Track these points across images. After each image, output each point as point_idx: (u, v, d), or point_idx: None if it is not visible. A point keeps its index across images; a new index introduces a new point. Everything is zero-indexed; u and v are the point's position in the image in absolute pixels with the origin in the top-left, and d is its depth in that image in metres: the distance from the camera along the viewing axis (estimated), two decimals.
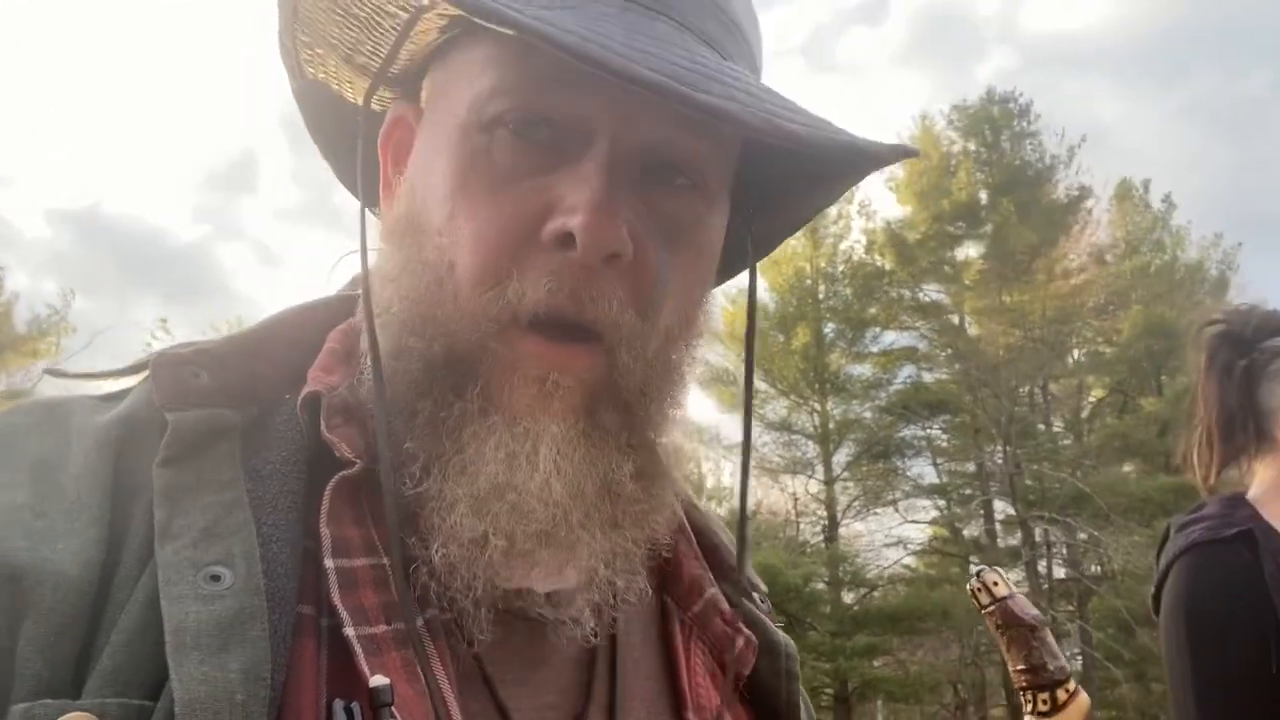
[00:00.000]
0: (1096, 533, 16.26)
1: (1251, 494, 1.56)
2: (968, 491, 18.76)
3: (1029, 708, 1.39)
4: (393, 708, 0.45)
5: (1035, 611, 1.37)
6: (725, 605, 0.62)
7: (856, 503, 18.99)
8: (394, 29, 0.56)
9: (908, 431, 18.83)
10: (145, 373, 0.57)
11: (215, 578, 0.46)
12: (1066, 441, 18.91)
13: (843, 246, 19.19)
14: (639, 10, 0.51)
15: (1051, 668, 1.37)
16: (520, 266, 0.51)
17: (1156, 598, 1.55)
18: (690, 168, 0.54)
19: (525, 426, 0.52)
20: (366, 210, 0.60)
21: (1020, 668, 1.40)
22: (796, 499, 18.82)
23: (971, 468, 18.91)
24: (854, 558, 18.41)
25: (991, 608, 1.39)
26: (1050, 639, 1.42)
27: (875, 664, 17.14)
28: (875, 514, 18.97)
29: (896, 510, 18.77)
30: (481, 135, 0.52)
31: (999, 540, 18.17)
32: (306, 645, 0.47)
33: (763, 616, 0.65)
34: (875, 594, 18.23)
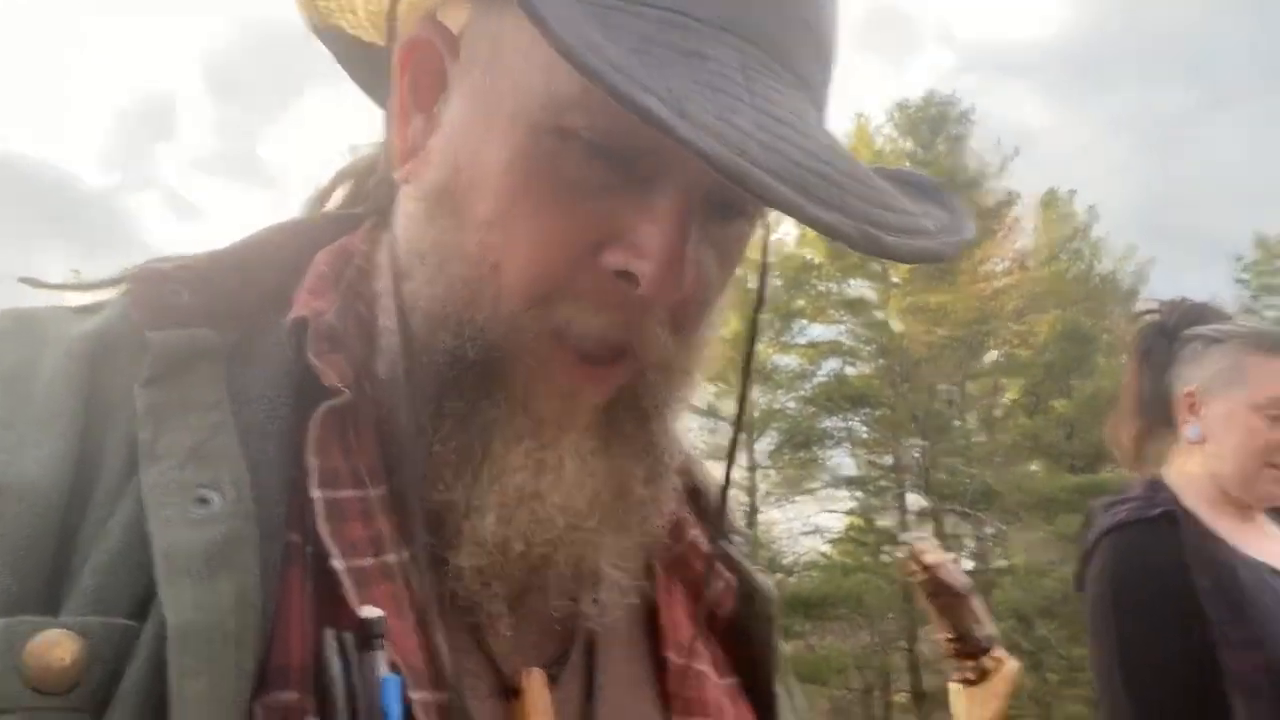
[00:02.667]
0: (1004, 527, 16.85)
1: (1170, 476, 1.64)
2: (883, 483, 19.26)
3: (957, 675, 1.43)
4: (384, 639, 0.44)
5: (965, 579, 1.39)
6: (706, 547, 0.63)
7: (777, 490, 19.34)
8: None
9: (829, 423, 19.23)
10: (123, 287, 0.54)
11: (203, 500, 0.45)
12: (980, 438, 19.53)
13: (774, 238, 19.40)
14: (758, 63, 0.47)
15: (979, 635, 1.40)
16: (574, 287, 0.50)
17: (1080, 575, 1.62)
18: (750, 204, 0.53)
19: (552, 435, 0.51)
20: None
21: (949, 636, 1.42)
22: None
23: (889, 460, 19.40)
24: (771, 544, 18.75)
25: (922, 576, 1.42)
26: (979, 607, 1.45)
27: (785, 647, 17.49)
28: (794, 502, 19.36)
29: (814, 499, 19.18)
30: (553, 140, 0.48)
31: (910, 532, 18.69)
32: (294, 574, 0.47)
33: (743, 561, 0.66)
34: (790, 579, 18.60)
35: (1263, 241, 20.37)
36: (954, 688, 1.45)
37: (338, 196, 0.65)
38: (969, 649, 1.22)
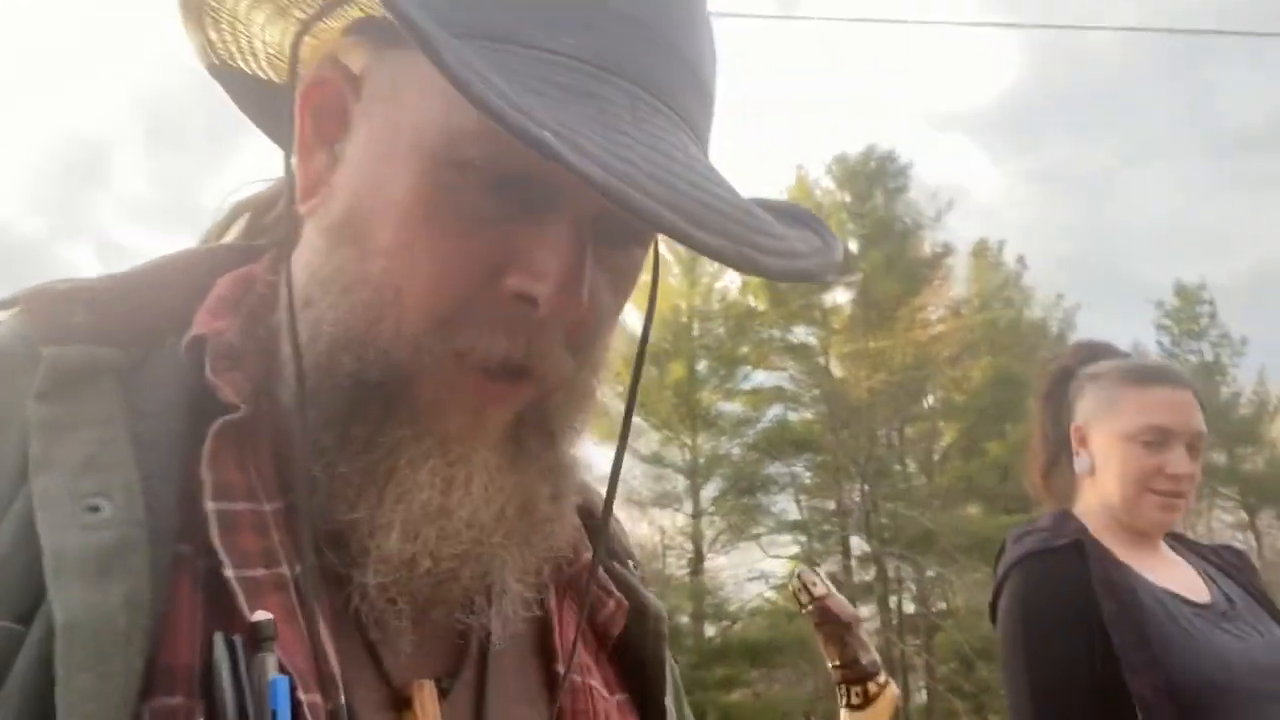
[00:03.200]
0: (943, 570, 17.08)
1: (1077, 509, 1.72)
2: (827, 528, 19.43)
3: (843, 700, 1.50)
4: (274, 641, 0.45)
5: (851, 610, 1.47)
6: (600, 570, 0.64)
7: (722, 537, 19.36)
8: None
9: (773, 469, 19.40)
10: (14, 309, 0.55)
11: (94, 509, 0.46)
12: (920, 482, 19.86)
13: (718, 285, 19.73)
14: (646, 104, 0.49)
15: (864, 661, 1.48)
16: (474, 311, 0.51)
17: (994, 605, 1.69)
18: (644, 234, 0.56)
19: (458, 452, 0.52)
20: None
21: (836, 663, 1.50)
22: (664, 532, 19.04)
23: (831, 505, 19.60)
24: (717, 591, 18.74)
25: (810, 606, 1.49)
26: (864, 635, 1.54)
27: (733, 696, 17.41)
28: (739, 548, 19.40)
29: (759, 545, 19.25)
30: (452, 172, 0.50)
31: (854, 576, 18.85)
32: (183, 582, 0.47)
33: (634, 581, 0.67)
34: (736, 626, 18.57)
35: (1182, 290, 21.33)
36: (843, 713, 1.52)
37: (235, 230, 0.66)
38: (855, 675, 1.31)
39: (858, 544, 19.04)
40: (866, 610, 18.56)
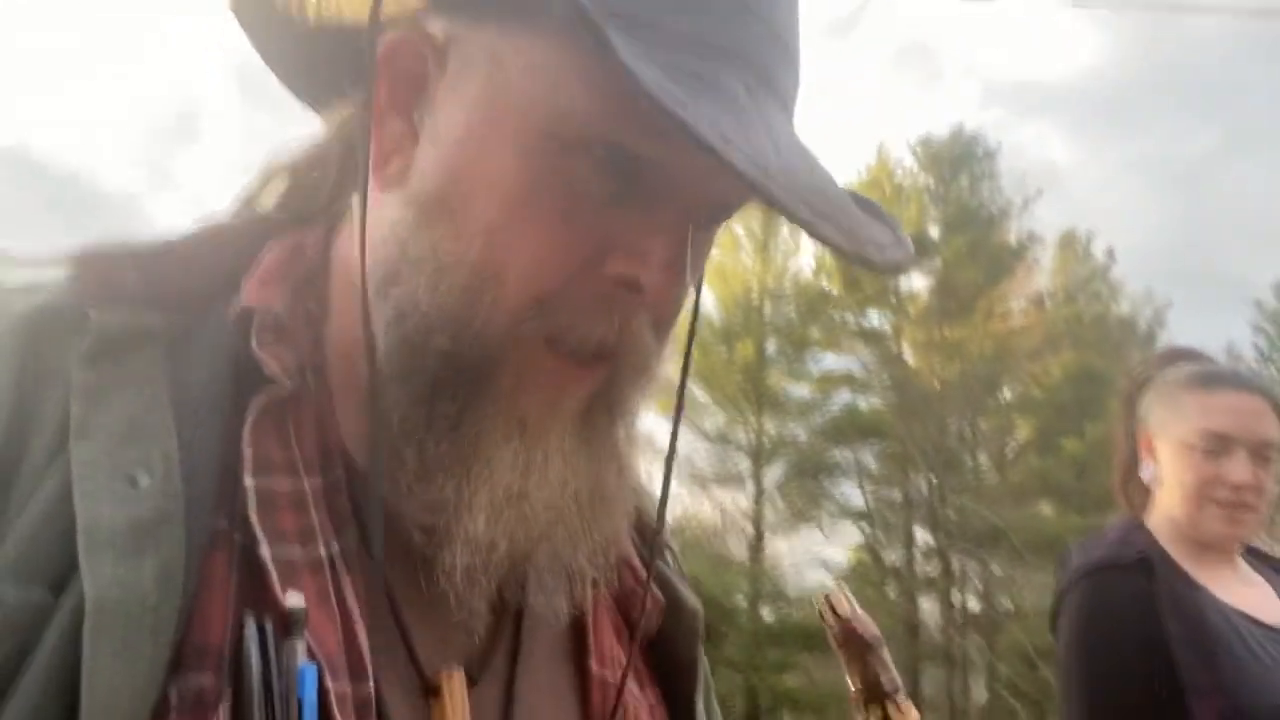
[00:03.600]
0: (1011, 568, 16.72)
1: (1150, 519, 1.64)
2: (891, 518, 19.15)
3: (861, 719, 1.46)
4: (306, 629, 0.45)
5: (875, 631, 1.44)
6: (637, 563, 0.64)
7: (784, 521, 19.26)
8: None
9: (839, 455, 19.16)
10: (67, 269, 0.55)
11: (132, 480, 0.45)
12: (991, 477, 19.42)
13: (791, 266, 19.46)
14: (758, 88, 0.50)
15: (884, 683, 1.44)
16: (574, 294, 0.51)
17: (1054, 615, 1.62)
18: (733, 210, 0.56)
19: (536, 435, 0.52)
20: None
21: (857, 683, 1.46)
22: (724, 512, 19.00)
23: (898, 495, 19.30)
24: (776, 574, 18.65)
25: (834, 626, 1.45)
26: (886, 657, 1.49)
27: (786, 679, 17.39)
28: (800, 533, 19.27)
29: (821, 531, 19.09)
30: (561, 152, 0.50)
31: (917, 568, 18.56)
32: (219, 558, 0.47)
33: (672, 577, 0.67)
34: (793, 611, 18.49)
35: None
36: None
37: (272, 192, 0.64)
38: (875, 696, 1.27)
39: (923, 537, 18.75)
40: (928, 605, 18.31)
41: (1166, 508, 1.62)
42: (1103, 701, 1.48)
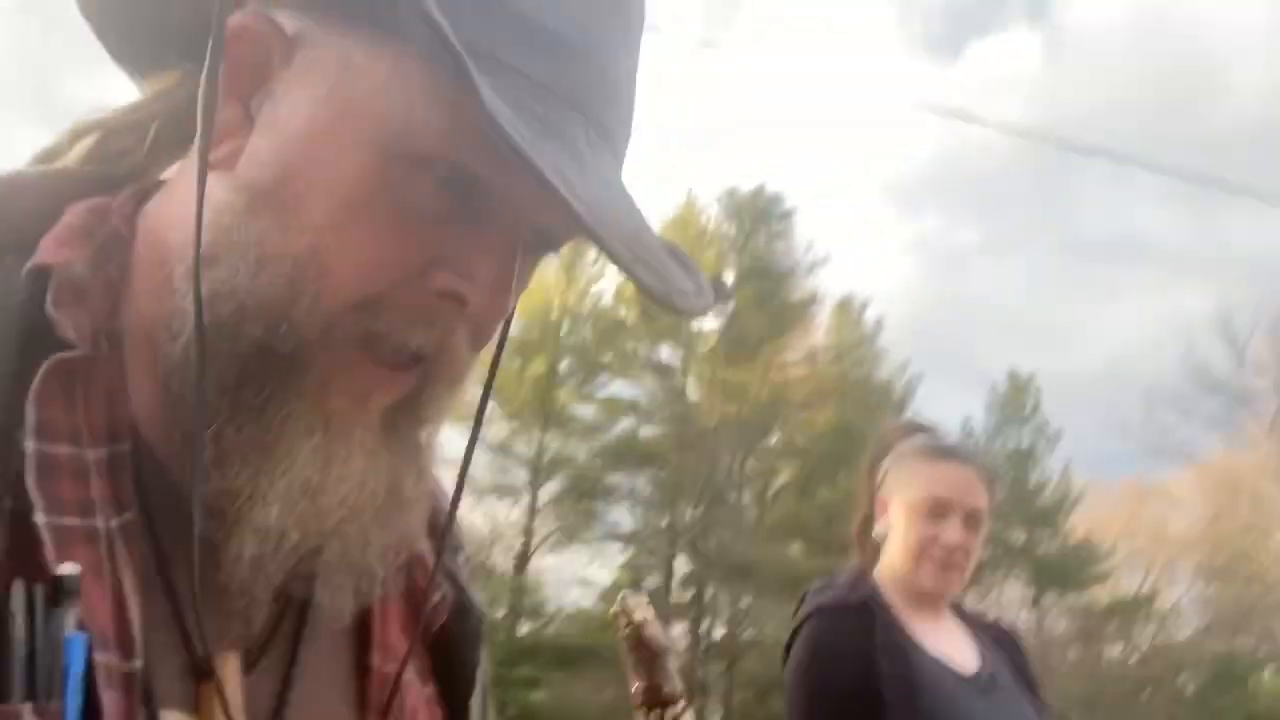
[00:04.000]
0: (758, 601, 17.69)
1: (877, 570, 1.90)
2: (655, 544, 19.79)
3: None
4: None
5: (666, 640, 1.60)
6: (428, 560, 0.64)
7: (553, 537, 19.44)
8: None
9: (615, 479, 19.63)
10: None
11: None
12: (751, 514, 20.53)
13: (593, 289, 19.89)
14: (594, 138, 0.52)
15: (667, 688, 1.62)
16: (397, 300, 0.51)
17: (788, 648, 1.84)
18: (553, 248, 0.58)
19: (340, 431, 0.52)
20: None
21: (639, 684, 1.63)
22: (495, 523, 18.94)
23: (664, 522, 19.99)
24: (538, 590, 18.78)
25: (627, 629, 1.61)
26: (672, 665, 1.67)
27: (535, 695, 17.47)
28: (568, 550, 19.52)
29: (588, 551, 19.43)
30: (403, 166, 0.50)
31: (672, 595, 19.27)
32: None
33: (462, 576, 0.68)
34: (549, 628, 18.64)
35: (1014, 377, 22.95)
36: None
37: (78, 150, 0.61)
38: (657, 700, 1.42)
39: (682, 564, 19.49)
40: (678, 630, 19.01)
41: (890, 561, 1.86)
42: None
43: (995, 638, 1.96)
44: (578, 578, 19.33)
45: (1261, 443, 21.12)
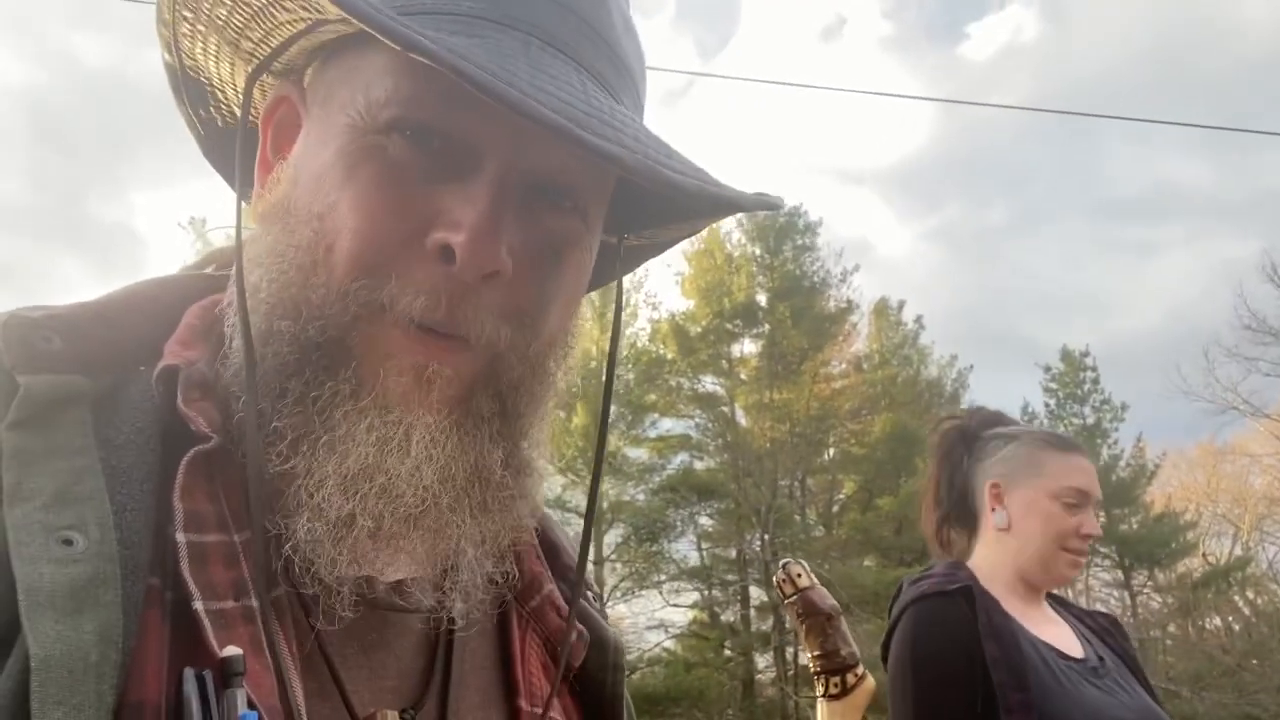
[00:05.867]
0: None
1: (971, 561, 1.87)
2: (728, 576, 19.55)
3: (821, 690, 1.56)
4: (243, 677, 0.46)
5: (833, 602, 1.54)
6: (561, 601, 0.65)
7: (624, 584, 19.28)
8: (288, 23, 0.57)
9: (676, 515, 19.47)
10: None
11: (68, 542, 0.46)
12: (818, 533, 20.22)
13: (629, 332, 19.90)
14: (539, 47, 0.53)
15: (844, 653, 1.54)
16: (399, 269, 0.53)
17: (886, 645, 1.80)
18: (573, 193, 0.57)
19: (399, 414, 0.53)
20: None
21: (816, 653, 1.57)
22: None
23: (733, 554, 19.75)
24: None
25: (794, 597, 1.55)
26: (844, 628, 1.61)
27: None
28: (640, 596, 19.33)
29: (660, 593, 19.22)
30: (375, 135, 0.53)
31: (753, 625, 18.98)
32: (152, 615, 0.48)
33: (595, 614, 0.68)
34: (634, 676, 18.41)
35: (1067, 355, 22.45)
36: (820, 702, 1.59)
37: (200, 256, 0.68)
38: (834, 665, 1.36)
39: (757, 594, 19.21)
40: (764, 661, 18.71)
41: (1013, 550, 1.82)
42: (928, 711, 1.65)
43: (1095, 626, 1.93)
44: (654, 620, 19.13)
45: None
